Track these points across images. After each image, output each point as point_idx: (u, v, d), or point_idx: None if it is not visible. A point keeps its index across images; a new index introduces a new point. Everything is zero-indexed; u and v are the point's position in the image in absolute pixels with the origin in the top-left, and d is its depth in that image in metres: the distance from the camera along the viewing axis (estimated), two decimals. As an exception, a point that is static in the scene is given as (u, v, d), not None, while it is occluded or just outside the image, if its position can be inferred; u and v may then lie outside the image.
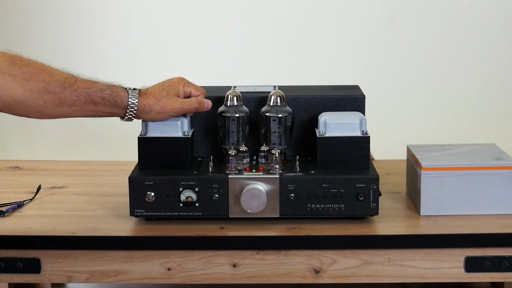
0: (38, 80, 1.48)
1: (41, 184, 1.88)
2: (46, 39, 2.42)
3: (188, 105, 1.63)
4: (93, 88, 1.53)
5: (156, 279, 1.60)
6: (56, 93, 1.50)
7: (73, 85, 1.52)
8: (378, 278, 1.59)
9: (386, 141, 2.26)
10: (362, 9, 2.40)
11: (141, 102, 1.57)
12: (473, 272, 1.58)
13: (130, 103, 1.57)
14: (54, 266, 1.59)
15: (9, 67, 1.46)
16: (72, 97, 1.51)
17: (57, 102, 1.50)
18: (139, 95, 1.58)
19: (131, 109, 1.57)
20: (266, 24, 2.41)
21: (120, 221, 1.65)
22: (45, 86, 1.48)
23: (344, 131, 1.65)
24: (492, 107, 2.43)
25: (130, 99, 1.57)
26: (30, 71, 1.48)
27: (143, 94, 1.59)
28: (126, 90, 1.57)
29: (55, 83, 1.50)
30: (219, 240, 1.57)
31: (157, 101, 1.59)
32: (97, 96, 1.53)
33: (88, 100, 1.53)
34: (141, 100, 1.58)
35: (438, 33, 2.40)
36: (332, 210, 1.61)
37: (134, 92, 1.57)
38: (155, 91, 1.60)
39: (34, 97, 1.48)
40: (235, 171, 1.62)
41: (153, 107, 1.59)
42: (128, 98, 1.56)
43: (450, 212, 1.66)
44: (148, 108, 1.59)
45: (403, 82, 2.43)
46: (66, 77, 1.52)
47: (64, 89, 1.50)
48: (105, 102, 1.55)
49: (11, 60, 1.47)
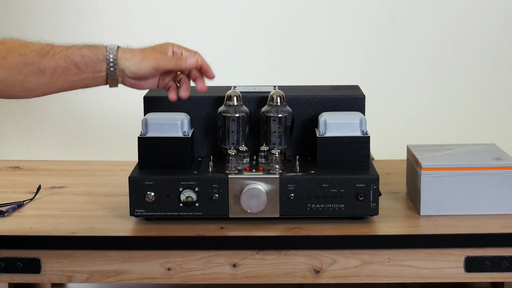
0: (14, 55, 1.45)
1: (41, 184, 1.88)
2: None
3: (169, 59, 1.54)
4: (71, 50, 1.48)
5: (156, 279, 1.60)
6: (34, 63, 1.46)
7: (50, 51, 1.48)
8: (378, 278, 1.59)
9: (386, 141, 2.27)
10: (362, 9, 2.40)
11: (120, 51, 1.50)
12: (473, 272, 1.58)
13: (109, 50, 1.49)
14: (54, 266, 1.59)
15: None
16: (51, 64, 1.47)
17: (37, 72, 1.46)
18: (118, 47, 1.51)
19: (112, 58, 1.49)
20: (266, 24, 2.41)
21: (120, 221, 1.65)
22: (22, 59, 1.45)
23: (344, 131, 1.65)
24: (492, 107, 2.43)
25: (108, 47, 1.50)
26: (6, 49, 1.45)
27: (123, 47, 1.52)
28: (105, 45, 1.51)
29: (31, 54, 1.46)
30: (219, 240, 1.57)
31: (140, 51, 1.53)
32: (76, 55, 1.48)
33: (68, 62, 1.47)
34: (121, 50, 1.51)
35: (438, 33, 2.40)
36: (332, 210, 1.61)
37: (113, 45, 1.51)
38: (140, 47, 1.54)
39: (14, 72, 1.45)
40: (235, 171, 1.62)
41: (134, 54, 1.51)
42: (107, 49, 1.49)
43: (450, 212, 1.66)
44: (129, 54, 1.51)
45: (403, 82, 2.43)
46: (42, 46, 1.48)
47: (41, 57, 1.47)
48: (85, 60, 1.48)
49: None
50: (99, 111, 2.45)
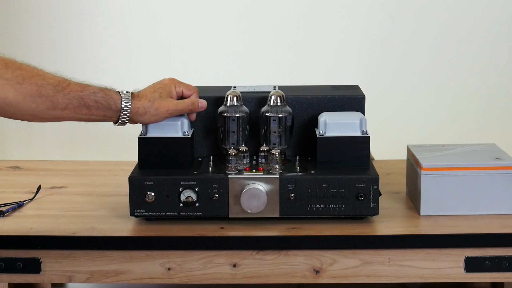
0: (31, 83, 1.48)
1: (41, 184, 1.88)
2: (45, 39, 2.42)
3: (183, 106, 1.63)
4: (86, 91, 1.53)
5: (156, 279, 1.60)
6: (49, 96, 1.49)
7: (66, 88, 1.51)
8: (378, 278, 1.59)
9: (386, 141, 2.26)
10: (362, 9, 2.40)
11: (134, 104, 1.57)
12: (473, 272, 1.58)
13: (124, 105, 1.56)
14: (54, 266, 1.59)
15: (2, 70, 1.46)
16: (65, 101, 1.51)
17: (50, 105, 1.50)
18: (132, 98, 1.58)
19: (124, 112, 1.57)
20: (266, 24, 2.41)
21: (120, 221, 1.65)
22: (38, 90, 1.48)
23: (344, 131, 1.65)
24: (492, 107, 2.43)
25: (123, 102, 1.56)
26: (23, 75, 1.48)
27: (135, 96, 1.59)
28: (119, 93, 1.57)
29: (48, 87, 1.49)
30: (219, 240, 1.57)
31: (151, 103, 1.59)
32: (90, 99, 1.53)
33: (81, 103, 1.52)
34: (134, 102, 1.57)
35: (438, 33, 2.40)
36: (332, 210, 1.61)
37: (127, 95, 1.57)
38: (147, 93, 1.60)
39: (27, 100, 1.48)
40: (235, 171, 1.62)
41: (147, 109, 1.58)
42: (121, 101, 1.56)
43: (450, 212, 1.66)
44: (142, 110, 1.58)
45: (403, 82, 2.43)
46: (59, 81, 1.52)
47: (57, 92, 1.50)
48: (98, 105, 1.54)
49: (4, 64, 1.47)
50: (99, 111, 2.45)
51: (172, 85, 1.64)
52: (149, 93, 1.60)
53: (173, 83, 1.64)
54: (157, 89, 1.62)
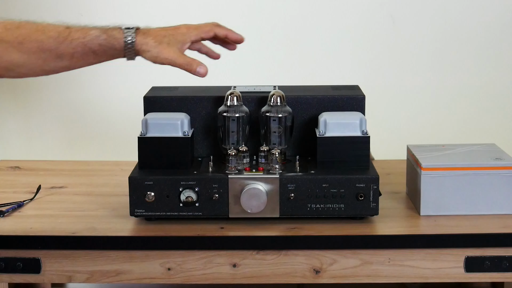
0: (32, 40, 1.46)
1: (41, 184, 1.88)
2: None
3: (180, 62, 1.54)
4: (88, 37, 1.49)
5: (156, 279, 1.60)
6: (52, 49, 1.47)
7: (68, 37, 1.48)
8: (378, 278, 1.59)
9: (386, 141, 2.26)
10: (362, 10, 2.40)
11: (138, 40, 1.51)
12: (473, 272, 1.58)
13: (126, 42, 1.51)
14: (54, 266, 1.59)
15: (2, 33, 1.45)
16: (69, 50, 1.48)
17: (56, 57, 1.48)
18: (136, 33, 1.52)
19: (128, 48, 1.51)
20: (266, 24, 2.41)
21: (120, 221, 1.65)
22: (39, 45, 1.46)
23: (344, 131, 1.65)
24: (492, 107, 2.43)
25: (126, 39, 1.51)
26: (23, 34, 1.46)
27: (141, 33, 1.53)
28: (122, 30, 1.52)
29: (49, 40, 1.47)
30: (219, 240, 1.57)
31: (156, 44, 1.53)
32: (93, 44, 1.49)
33: (85, 50, 1.49)
34: (139, 38, 1.52)
35: (438, 33, 2.40)
36: (332, 210, 1.61)
37: (130, 31, 1.51)
38: (157, 34, 1.54)
39: (32, 57, 1.46)
40: (235, 171, 1.62)
41: (150, 48, 1.52)
42: (124, 38, 1.51)
43: (450, 212, 1.66)
44: (146, 47, 1.52)
45: (403, 82, 2.43)
46: (60, 31, 1.48)
47: (59, 43, 1.47)
48: (103, 48, 1.50)
49: (3, 26, 1.45)
50: (99, 111, 2.45)
51: (188, 35, 1.57)
52: (159, 34, 1.54)
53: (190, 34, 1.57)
54: (169, 34, 1.55)
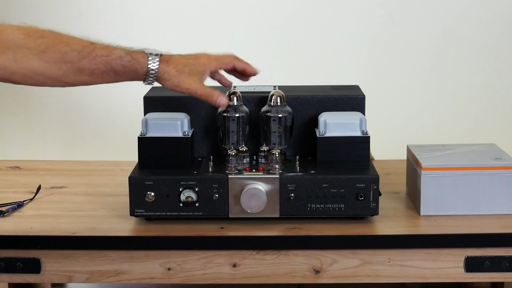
0: (55, 51, 1.46)
1: (41, 184, 1.88)
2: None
3: (201, 93, 1.56)
4: (112, 56, 1.50)
5: (156, 279, 1.60)
6: (74, 62, 1.47)
7: (91, 53, 1.49)
8: (378, 278, 1.59)
9: (386, 141, 2.26)
10: (362, 9, 2.40)
11: (161, 69, 1.52)
12: (473, 272, 1.58)
13: (150, 69, 1.52)
14: (54, 266, 1.59)
15: (25, 40, 1.44)
16: (91, 66, 1.48)
17: (76, 71, 1.48)
18: (160, 61, 1.53)
19: (151, 75, 1.52)
20: (266, 24, 2.41)
21: (120, 221, 1.65)
22: (62, 56, 1.46)
23: (344, 131, 1.65)
24: (492, 107, 2.43)
25: (150, 65, 1.52)
26: (46, 43, 1.46)
27: (164, 61, 1.53)
28: (147, 55, 1.53)
29: (72, 53, 1.47)
30: (219, 240, 1.57)
31: (178, 74, 1.54)
32: (116, 64, 1.50)
33: (107, 68, 1.49)
34: (162, 66, 1.53)
35: (438, 33, 2.40)
36: (332, 210, 1.61)
37: (155, 57, 1.52)
38: (179, 63, 1.55)
39: (52, 67, 1.46)
40: (235, 171, 1.62)
41: (171, 78, 1.53)
42: (148, 64, 1.52)
43: (450, 212, 1.66)
44: (167, 76, 1.53)
45: (403, 82, 2.43)
46: (84, 46, 1.49)
47: (82, 58, 1.48)
48: (125, 69, 1.51)
49: (26, 33, 1.45)
50: (99, 111, 2.45)
51: (208, 66, 1.59)
52: (180, 63, 1.55)
53: (208, 59, 1.59)
54: (190, 64, 1.56)
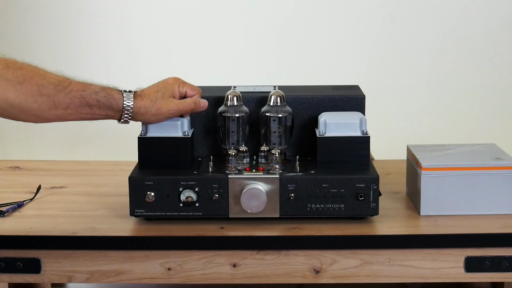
0: (32, 83, 1.48)
1: (41, 184, 1.88)
2: (45, 38, 2.42)
3: (184, 106, 1.63)
4: (87, 91, 1.53)
5: (156, 279, 1.60)
6: (50, 95, 1.49)
7: (67, 87, 1.51)
8: (378, 278, 1.59)
9: (386, 141, 2.26)
10: (362, 10, 2.40)
11: (136, 104, 1.57)
12: (473, 272, 1.58)
13: (125, 105, 1.56)
14: (54, 266, 1.59)
15: (3, 70, 1.46)
16: (66, 100, 1.51)
17: (51, 105, 1.50)
18: (134, 97, 1.58)
19: (126, 111, 1.57)
20: (266, 24, 2.41)
21: (120, 221, 1.65)
22: (38, 89, 1.48)
23: (344, 131, 1.65)
24: (492, 107, 2.43)
25: (125, 102, 1.56)
26: (24, 74, 1.48)
27: (138, 96, 1.58)
28: (121, 92, 1.57)
29: (48, 86, 1.49)
30: (219, 240, 1.57)
31: (153, 103, 1.59)
32: (91, 99, 1.53)
33: (82, 102, 1.52)
34: (136, 102, 1.57)
35: (438, 33, 2.40)
36: (332, 210, 1.61)
37: (129, 94, 1.57)
38: (150, 93, 1.60)
39: (29, 100, 1.48)
40: (235, 171, 1.62)
41: (148, 109, 1.59)
42: (123, 101, 1.56)
43: (450, 212, 1.66)
44: (144, 110, 1.58)
45: (403, 82, 2.43)
46: (60, 80, 1.52)
47: (58, 91, 1.50)
48: (100, 105, 1.54)
49: (4, 64, 1.47)
50: (99, 111, 2.45)
51: (176, 84, 1.63)
52: (152, 92, 1.60)
53: (177, 82, 1.64)
54: (160, 88, 1.61)
